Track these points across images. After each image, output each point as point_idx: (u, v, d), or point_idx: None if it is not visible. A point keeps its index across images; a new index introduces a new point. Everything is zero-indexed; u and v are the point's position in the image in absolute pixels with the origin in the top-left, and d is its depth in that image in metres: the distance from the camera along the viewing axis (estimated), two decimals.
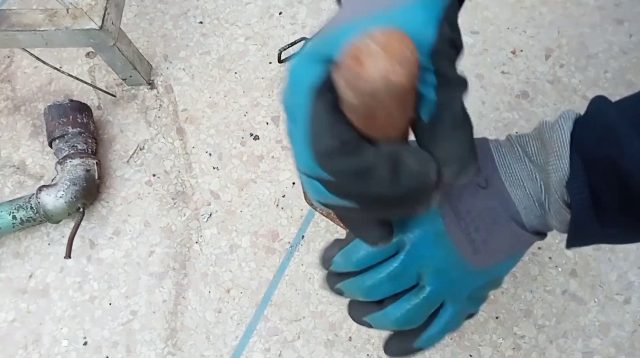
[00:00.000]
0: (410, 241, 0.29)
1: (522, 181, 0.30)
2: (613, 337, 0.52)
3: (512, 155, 0.31)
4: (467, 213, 0.30)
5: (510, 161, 0.30)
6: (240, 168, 0.62)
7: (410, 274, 0.30)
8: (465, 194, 0.30)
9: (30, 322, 0.56)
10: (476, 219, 0.30)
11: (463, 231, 0.29)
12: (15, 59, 0.72)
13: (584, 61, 0.65)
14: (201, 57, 0.70)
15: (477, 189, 0.30)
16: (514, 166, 0.30)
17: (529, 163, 0.30)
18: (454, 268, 0.30)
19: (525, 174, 0.30)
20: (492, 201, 0.30)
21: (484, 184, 0.30)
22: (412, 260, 0.29)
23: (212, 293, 0.56)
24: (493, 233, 0.30)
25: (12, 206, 0.57)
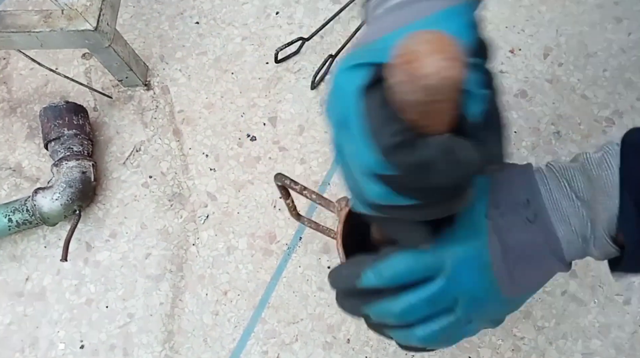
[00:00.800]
0: (452, 266, 0.29)
1: (568, 218, 0.30)
2: (613, 338, 0.51)
3: (559, 191, 0.31)
4: (514, 248, 0.30)
5: (557, 196, 0.31)
6: (237, 169, 0.62)
7: (447, 299, 0.30)
8: (514, 227, 0.30)
9: (26, 325, 0.56)
10: (520, 253, 0.30)
11: (506, 266, 0.30)
12: (11, 60, 0.72)
13: (583, 59, 0.64)
14: (198, 58, 0.69)
15: (525, 223, 0.31)
16: (562, 202, 0.31)
17: (576, 199, 0.30)
18: (489, 298, 0.30)
19: (572, 210, 0.30)
20: (538, 237, 0.30)
21: (532, 218, 0.31)
22: (452, 287, 0.29)
23: (209, 295, 0.56)
24: (531, 266, 0.31)
25: (8, 209, 0.57)
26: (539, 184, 0.32)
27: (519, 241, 0.30)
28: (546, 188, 0.31)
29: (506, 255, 0.30)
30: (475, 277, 0.30)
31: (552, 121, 0.61)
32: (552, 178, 0.32)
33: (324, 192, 0.60)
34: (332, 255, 0.56)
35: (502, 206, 0.31)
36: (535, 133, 0.61)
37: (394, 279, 0.30)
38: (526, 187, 0.32)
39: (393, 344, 0.52)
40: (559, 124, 0.61)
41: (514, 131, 0.61)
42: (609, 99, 0.62)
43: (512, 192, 0.32)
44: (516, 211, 0.31)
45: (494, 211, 0.31)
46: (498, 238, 0.30)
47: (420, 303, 0.29)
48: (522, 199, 0.31)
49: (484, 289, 0.30)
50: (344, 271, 0.32)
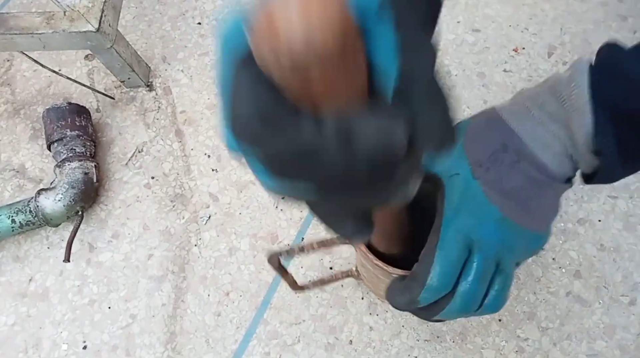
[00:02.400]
0: (478, 240, 0.30)
1: (548, 144, 0.31)
2: (618, 339, 0.51)
3: (531, 121, 0.32)
4: (513, 191, 0.31)
5: (531, 127, 0.32)
6: (239, 170, 0.62)
7: (492, 265, 0.31)
8: (504, 175, 0.31)
9: (30, 326, 0.56)
10: (523, 192, 0.31)
11: (520, 208, 0.31)
12: (14, 62, 0.72)
13: None
14: (200, 59, 0.69)
15: (512, 166, 0.31)
16: (537, 131, 0.31)
17: (551, 123, 0.31)
18: (523, 241, 0.32)
19: (549, 136, 0.31)
20: (530, 171, 0.31)
21: (516, 158, 0.31)
22: (487, 253, 0.30)
23: (211, 296, 0.56)
24: (541, 197, 0.32)
25: (12, 210, 0.57)
26: (509, 122, 0.32)
27: (515, 183, 0.31)
28: (518, 122, 0.32)
29: (511, 201, 0.31)
30: (498, 233, 0.31)
31: None
32: (520, 111, 0.32)
33: None
34: (335, 256, 0.56)
35: (483, 162, 0.32)
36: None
37: (447, 285, 0.30)
38: (498, 131, 0.32)
39: (395, 345, 0.52)
40: None
41: None
42: None
43: (487, 143, 0.32)
44: (497, 159, 0.32)
45: (478, 170, 0.32)
46: (497, 192, 0.31)
47: (474, 286, 0.30)
48: (498, 147, 0.32)
49: (511, 238, 0.31)
50: (400, 299, 0.32)
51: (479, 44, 0.66)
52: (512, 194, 0.31)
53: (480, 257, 0.30)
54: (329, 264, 0.56)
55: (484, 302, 0.31)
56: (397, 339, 0.52)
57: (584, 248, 0.54)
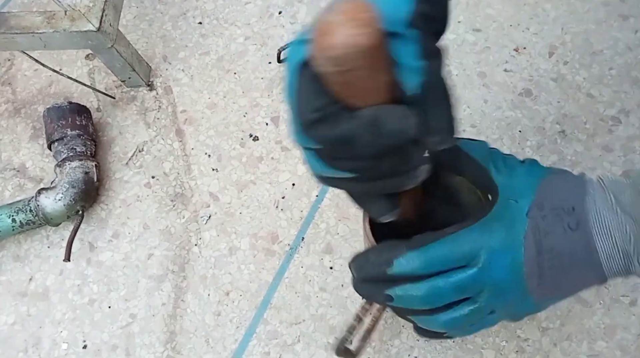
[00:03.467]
0: (486, 258, 0.30)
1: (610, 231, 0.30)
2: (619, 340, 0.51)
3: (604, 203, 0.30)
4: (549, 250, 0.30)
5: (601, 208, 0.30)
6: (239, 170, 0.62)
7: (475, 289, 0.30)
8: (554, 232, 0.30)
9: (30, 325, 0.56)
10: (555, 258, 0.30)
11: (538, 266, 0.30)
12: (15, 61, 0.72)
13: (589, 58, 0.64)
14: (200, 58, 0.69)
15: (565, 230, 0.30)
16: (606, 215, 0.30)
17: (622, 213, 0.30)
18: (514, 295, 0.31)
19: (615, 224, 0.30)
20: (577, 246, 0.30)
21: (574, 226, 0.30)
22: (481, 278, 0.30)
23: (211, 296, 0.56)
24: (565, 274, 0.30)
25: (12, 209, 0.57)
26: (586, 194, 0.31)
27: (555, 246, 0.30)
28: (591, 198, 0.31)
29: (539, 257, 0.30)
30: (505, 272, 0.30)
31: (557, 120, 0.61)
32: (599, 190, 0.31)
33: (327, 192, 0.59)
34: (335, 256, 0.56)
35: (545, 208, 0.31)
36: (540, 132, 0.60)
37: (427, 267, 0.30)
38: (574, 194, 0.31)
39: (395, 345, 0.52)
40: (564, 124, 0.60)
41: (518, 131, 0.61)
42: (615, 98, 0.61)
43: (559, 197, 0.31)
44: (559, 216, 0.30)
45: (536, 212, 0.31)
46: (534, 239, 0.30)
47: (448, 290, 0.30)
48: (567, 206, 0.31)
49: (512, 285, 0.30)
50: (372, 258, 0.31)
51: (479, 44, 0.66)
52: (545, 252, 0.30)
53: (473, 274, 0.29)
54: (329, 264, 0.56)
55: (440, 312, 0.31)
56: (397, 339, 0.52)
57: None
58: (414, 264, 0.30)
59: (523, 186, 0.32)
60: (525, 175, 0.33)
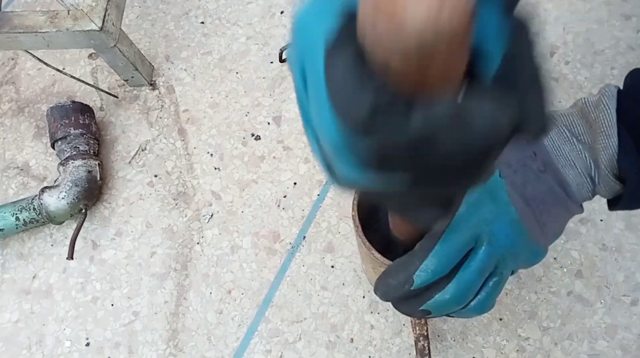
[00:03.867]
0: (488, 232, 0.30)
1: (573, 161, 0.32)
2: (620, 339, 0.51)
3: (559, 137, 0.33)
4: (533, 197, 0.31)
5: (559, 143, 0.32)
6: (241, 169, 0.62)
7: (493, 264, 0.31)
8: (529, 180, 0.32)
9: (33, 323, 0.56)
10: (540, 203, 0.32)
11: (533, 216, 0.31)
12: (19, 61, 0.72)
13: (590, 57, 0.64)
14: (203, 58, 0.70)
15: (537, 174, 0.32)
16: (564, 147, 0.32)
17: (577, 143, 0.32)
18: (525, 251, 0.32)
19: (575, 154, 0.32)
20: (552, 184, 0.32)
21: (542, 168, 0.32)
22: (494, 250, 0.30)
23: (213, 294, 0.56)
24: (553, 212, 0.32)
25: (16, 208, 0.58)
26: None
27: (537, 192, 0.32)
28: (548, 137, 0.33)
29: (529, 207, 0.31)
30: (510, 234, 0.31)
31: None
32: (553, 127, 0.33)
33: (328, 192, 0.60)
34: (336, 255, 0.56)
35: (513, 164, 0.32)
36: None
37: (446, 267, 0.30)
38: None
39: (397, 343, 0.52)
40: None
41: None
42: None
43: (518, 148, 0.33)
44: (526, 165, 0.32)
45: (506, 170, 0.32)
46: (517, 194, 0.31)
47: (474, 277, 0.30)
48: (529, 153, 0.33)
49: (519, 243, 0.31)
50: (392, 281, 0.31)
51: None
52: (531, 201, 0.31)
53: (487, 251, 0.30)
54: (331, 263, 0.56)
55: (471, 302, 0.31)
56: (398, 337, 0.52)
57: (585, 247, 0.54)
58: (432, 271, 0.30)
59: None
60: None
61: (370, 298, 0.54)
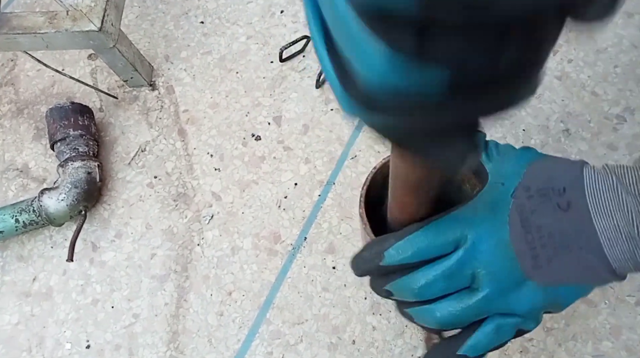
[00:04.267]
0: (471, 240, 0.29)
1: (610, 211, 0.27)
2: (625, 340, 0.50)
3: (604, 183, 0.28)
4: (537, 228, 0.28)
5: (601, 188, 0.28)
6: (241, 169, 0.62)
7: (465, 274, 0.29)
8: (540, 210, 0.29)
9: (33, 325, 0.56)
10: (545, 237, 0.28)
11: (528, 244, 0.28)
12: (18, 62, 0.72)
13: (593, 55, 0.63)
14: (202, 57, 0.69)
15: (555, 209, 0.28)
16: (605, 194, 0.28)
17: (623, 193, 0.27)
18: (510, 278, 0.29)
19: (615, 203, 0.27)
20: (570, 226, 0.28)
21: (565, 206, 0.28)
22: (469, 260, 0.29)
23: (213, 296, 0.55)
24: (560, 255, 0.28)
25: (15, 210, 0.57)
26: (583, 175, 0.29)
27: (543, 224, 0.28)
28: (590, 178, 0.29)
29: (527, 235, 0.28)
30: (494, 252, 0.29)
31: (561, 118, 0.60)
32: (600, 172, 0.29)
33: (329, 192, 0.59)
34: (337, 256, 0.56)
35: (532, 189, 0.29)
36: (544, 131, 0.60)
37: (416, 255, 0.29)
38: (567, 175, 0.29)
39: (399, 345, 0.51)
40: (569, 122, 0.60)
41: (522, 129, 0.60)
42: (619, 96, 0.61)
43: (549, 179, 0.30)
44: (547, 196, 0.29)
45: (522, 192, 0.29)
46: (519, 217, 0.29)
47: (438, 276, 0.29)
48: (558, 187, 0.29)
49: (503, 266, 0.29)
50: (365, 254, 0.31)
51: None
52: (532, 230, 0.28)
53: (460, 257, 0.29)
54: (332, 264, 0.56)
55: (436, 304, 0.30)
56: (401, 339, 0.52)
57: None
58: (403, 254, 0.30)
59: (511, 169, 0.31)
60: (516, 159, 0.32)
61: (372, 300, 0.53)
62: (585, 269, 0.28)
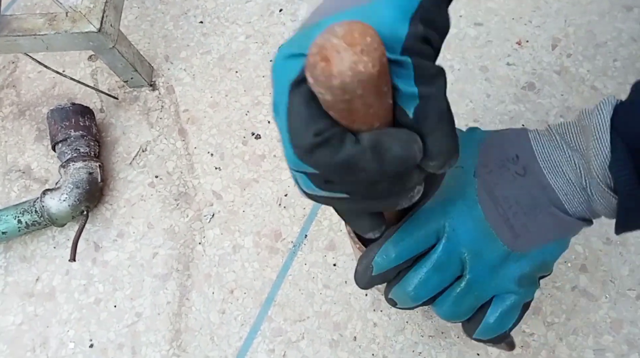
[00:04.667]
0: (450, 227, 0.30)
1: (561, 168, 0.30)
2: (625, 334, 0.50)
3: (550, 143, 0.31)
4: (505, 199, 0.30)
5: (548, 149, 0.31)
6: (242, 168, 0.62)
7: (454, 261, 0.30)
8: (502, 181, 0.31)
9: (37, 325, 0.57)
10: (514, 205, 0.30)
11: (501, 216, 0.30)
12: (19, 64, 0.73)
13: (592, 49, 0.63)
14: (202, 57, 0.69)
15: (514, 177, 0.31)
16: (553, 153, 0.31)
17: (568, 149, 0.30)
18: (493, 253, 0.30)
19: (564, 160, 0.30)
20: (531, 188, 0.31)
21: (521, 172, 0.31)
22: (453, 245, 0.30)
23: (215, 294, 0.56)
24: (533, 217, 0.30)
25: (18, 211, 0.58)
26: (530, 140, 0.32)
27: (508, 194, 0.31)
28: (537, 142, 0.32)
29: (498, 208, 0.30)
30: (472, 232, 0.30)
31: (560, 113, 0.60)
32: (545, 134, 0.32)
33: None
34: (338, 253, 0.56)
35: (490, 165, 0.32)
36: (544, 126, 0.60)
37: (400, 255, 0.30)
38: (516, 144, 0.32)
39: (400, 341, 0.52)
40: (568, 116, 0.60)
41: (521, 124, 0.60)
42: (619, 90, 0.60)
43: (502, 150, 0.32)
44: (504, 166, 0.31)
45: (482, 169, 0.31)
46: (486, 193, 0.30)
47: (430, 271, 0.30)
48: (511, 155, 0.32)
49: (485, 243, 0.30)
50: (359, 268, 0.32)
51: (481, 38, 0.66)
52: (501, 202, 0.30)
53: (444, 246, 0.30)
54: (333, 261, 0.56)
55: (438, 299, 0.31)
56: (402, 335, 0.52)
57: (589, 241, 0.54)
58: (388, 259, 0.30)
59: (465, 152, 0.32)
60: (466, 141, 0.33)
61: (373, 296, 0.54)
62: (557, 224, 0.31)
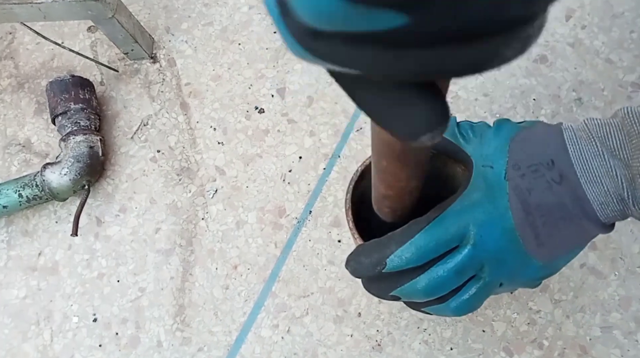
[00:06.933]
0: (477, 234, 0.29)
1: (600, 179, 0.28)
2: (634, 311, 0.50)
3: (589, 149, 0.29)
4: (537, 207, 0.29)
5: (587, 155, 0.29)
6: (245, 143, 0.61)
7: (475, 266, 0.29)
8: (536, 188, 0.29)
9: (41, 299, 0.57)
10: (545, 214, 0.29)
11: (530, 226, 0.29)
12: (17, 35, 0.71)
13: (608, 21, 0.61)
14: (204, 29, 0.67)
15: (549, 184, 0.29)
16: (592, 162, 0.29)
17: (610, 158, 0.28)
18: (516, 261, 0.30)
19: (603, 171, 0.28)
20: (565, 198, 0.29)
21: (557, 179, 0.29)
22: (478, 253, 0.29)
23: (219, 269, 0.55)
24: (560, 228, 0.29)
25: (18, 184, 0.57)
26: (566, 143, 0.30)
27: (542, 202, 0.29)
28: (574, 146, 0.29)
29: (529, 217, 0.29)
30: (500, 240, 0.29)
31: (573, 87, 0.58)
32: (583, 137, 0.30)
33: (334, 165, 0.58)
34: (343, 229, 0.55)
35: (522, 168, 0.30)
36: (556, 100, 0.58)
37: (422, 258, 0.29)
38: (551, 145, 0.30)
39: (405, 317, 0.51)
40: (581, 91, 0.58)
41: (533, 99, 0.58)
42: (635, 63, 0.58)
43: (534, 152, 0.30)
44: (538, 171, 0.29)
45: (513, 172, 0.30)
46: (519, 200, 0.29)
47: (449, 275, 0.29)
48: (545, 160, 0.29)
49: (510, 253, 0.29)
50: (365, 260, 0.30)
51: None
52: (533, 210, 0.29)
53: (469, 252, 0.29)
54: (337, 237, 0.55)
55: (452, 301, 0.30)
56: (406, 311, 0.51)
57: None
58: (406, 259, 0.29)
59: (494, 150, 0.31)
60: (495, 138, 0.31)
61: None
62: (582, 235, 0.30)
